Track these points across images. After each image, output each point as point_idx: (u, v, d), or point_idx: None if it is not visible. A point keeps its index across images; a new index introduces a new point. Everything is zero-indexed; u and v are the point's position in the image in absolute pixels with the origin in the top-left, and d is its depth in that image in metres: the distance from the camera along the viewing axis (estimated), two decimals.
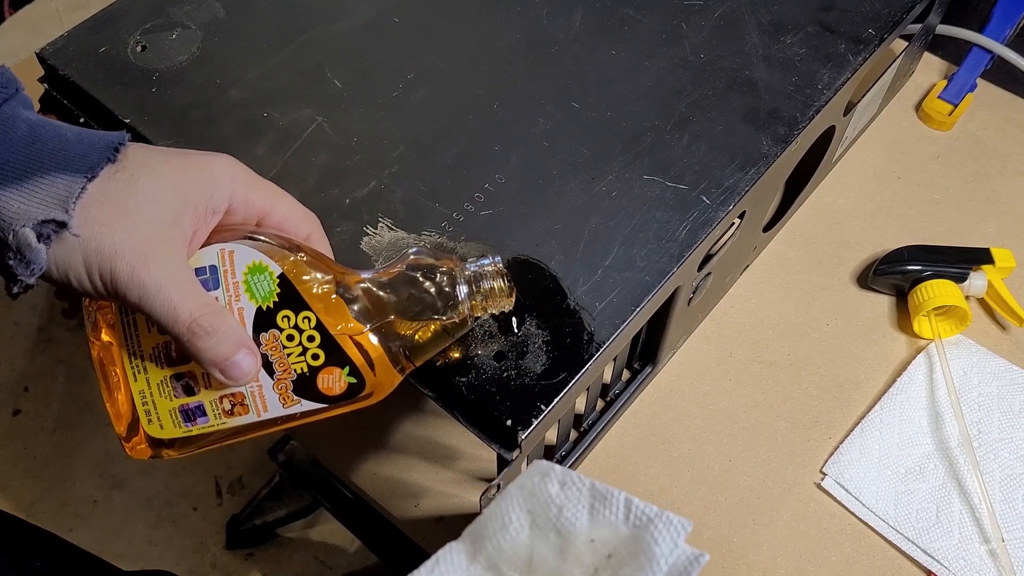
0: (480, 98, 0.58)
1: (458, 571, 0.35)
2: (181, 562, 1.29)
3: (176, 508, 1.34)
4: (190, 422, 0.43)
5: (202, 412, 0.42)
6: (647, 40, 0.60)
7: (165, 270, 0.39)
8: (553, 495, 0.35)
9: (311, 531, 1.31)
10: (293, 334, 0.41)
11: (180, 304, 0.39)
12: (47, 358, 1.48)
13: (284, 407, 0.42)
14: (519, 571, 0.34)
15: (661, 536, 0.32)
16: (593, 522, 0.34)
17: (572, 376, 0.46)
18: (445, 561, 0.35)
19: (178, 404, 0.42)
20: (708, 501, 0.60)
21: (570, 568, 0.33)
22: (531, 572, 0.34)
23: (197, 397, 0.42)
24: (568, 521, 0.34)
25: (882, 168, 0.75)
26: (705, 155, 0.55)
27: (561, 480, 0.36)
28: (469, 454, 0.62)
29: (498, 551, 0.35)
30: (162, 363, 0.42)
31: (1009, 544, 0.58)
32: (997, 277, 0.66)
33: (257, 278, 0.42)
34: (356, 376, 0.42)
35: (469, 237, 0.51)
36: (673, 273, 0.50)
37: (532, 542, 0.35)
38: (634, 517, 0.34)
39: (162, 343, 0.42)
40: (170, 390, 0.42)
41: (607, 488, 0.35)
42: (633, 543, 0.33)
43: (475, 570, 0.35)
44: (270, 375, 0.42)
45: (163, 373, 0.42)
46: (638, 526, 0.33)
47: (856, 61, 0.59)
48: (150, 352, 0.42)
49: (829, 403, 0.64)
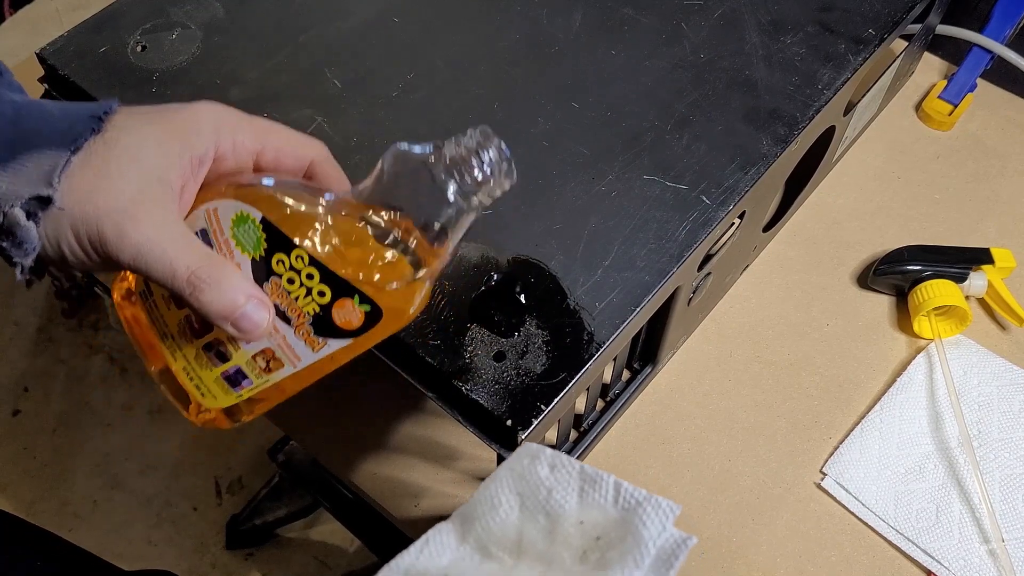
0: (480, 98, 0.58)
1: (447, 551, 0.35)
2: (181, 562, 1.29)
3: (176, 508, 1.34)
4: (237, 386, 0.42)
5: (243, 375, 0.41)
6: (647, 40, 0.60)
7: (155, 227, 0.39)
8: (543, 477, 0.35)
9: (311, 531, 1.32)
10: (292, 276, 0.40)
11: (176, 258, 0.38)
12: (47, 358, 1.48)
13: (314, 351, 0.41)
14: (508, 552, 0.34)
15: (650, 519, 0.32)
16: (582, 505, 0.34)
17: (572, 376, 0.46)
18: (435, 541, 0.35)
19: (219, 372, 0.42)
20: (708, 501, 0.60)
21: (559, 550, 0.33)
22: (520, 554, 0.34)
23: (232, 362, 0.41)
24: (557, 503, 0.35)
25: (882, 168, 0.75)
26: (705, 155, 0.55)
27: (551, 463, 0.36)
28: (469, 454, 0.62)
29: (487, 532, 0.35)
30: (190, 337, 0.42)
31: (1009, 544, 0.58)
32: (997, 277, 0.66)
33: (243, 229, 0.40)
34: (368, 302, 0.40)
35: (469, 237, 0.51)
36: (673, 273, 0.50)
37: (521, 524, 0.35)
38: (623, 500, 0.34)
39: (184, 317, 0.42)
40: (206, 361, 0.42)
41: (596, 471, 0.35)
42: (622, 526, 0.33)
43: (464, 550, 0.35)
44: (287, 323, 0.40)
45: (195, 346, 0.42)
46: (627, 509, 0.33)
47: (856, 61, 0.59)
48: (177, 329, 0.42)
49: (829, 403, 0.64)
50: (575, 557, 0.33)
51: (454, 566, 0.35)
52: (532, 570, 0.33)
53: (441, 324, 0.48)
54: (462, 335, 0.47)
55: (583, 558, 0.33)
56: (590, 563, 0.32)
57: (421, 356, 0.47)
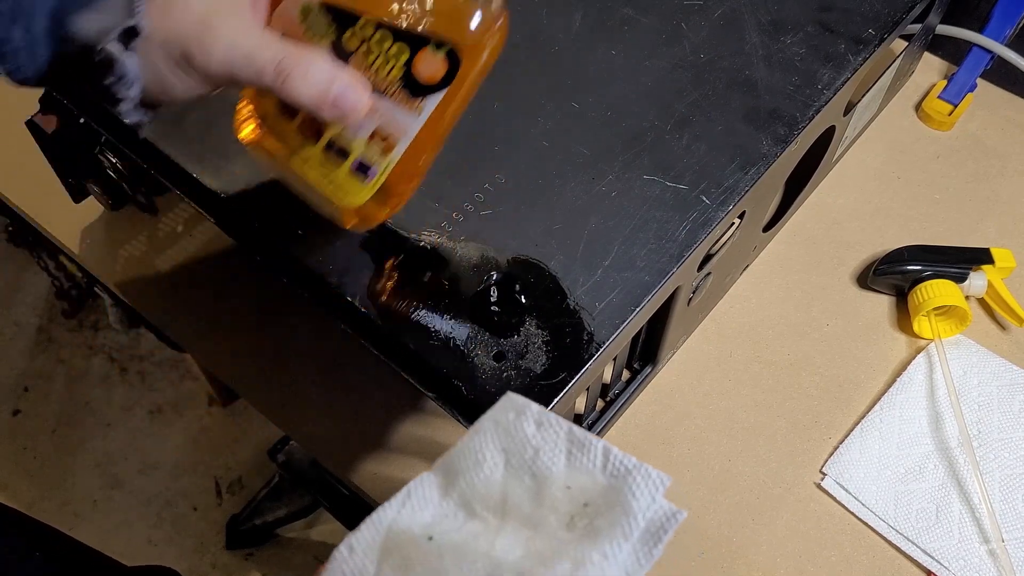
0: (480, 98, 0.58)
1: (430, 506, 0.34)
2: (181, 562, 1.29)
3: (176, 508, 1.34)
4: (368, 176, 0.44)
5: (367, 163, 0.44)
6: (647, 40, 0.60)
7: (234, 32, 0.41)
8: (529, 436, 0.34)
9: (311, 531, 1.32)
10: (367, 48, 0.42)
11: (258, 53, 0.40)
12: (47, 358, 1.48)
13: (418, 115, 0.43)
14: (493, 512, 0.33)
15: (639, 489, 0.32)
16: (570, 468, 0.33)
17: (572, 376, 0.46)
18: (417, 495, 0.34)
19: (347, 167, 0.44)
20: (708, 501, 0.60)
21: (545, 514, 0.32)
22: (505, 514, 0.33)
23: (353, 154, 0.44)
24: (544, 465, 0.34)
25: (882, 168, 0.75)
26: (705, 155, 0.55)
27: (538, 420, 0.34)
28: None
29: (471, 489, 0.34)
30: (310, 142, 0.45)
31: (1009, 544, 0.58)
32: (997, 277, 0.66)
33: (310, 19, 0.43)
34: (442, 44, 0.42)
35: (469, 237, 0.51)
36: (673, 273, 0.50)
37: (506, 483, 0.34)
38: (612, 467, 0.33)
39: (297, 126, 0.45)
40: (331, 160, 0.45)
41: (585, 434, 0.34)
42: (610, 494, 0.32)
43: (447, 506, 0.34)
44: (384, 95, 0.43)
45: (317, 150, 0.45)
46: (616, 476, 0.32)
47: (856, 61, 0.59)
48: (297, 139, 0.45)
49: (829, 403, 0.64)
50: (562, 523, 0.32)
51: (437, 524, 0.33)
52: (518, 534, 0.32)
53: (441, 324, 0.48)
54: (462, 335, 0.47)
55: (570, 524, 0.32)
56: (577, 530, 0.32)
57: (421, 356, 0.47)
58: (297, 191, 0.47)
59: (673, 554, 0.58)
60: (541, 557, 0.31)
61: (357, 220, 0.47)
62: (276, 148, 0.46)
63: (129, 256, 0.72)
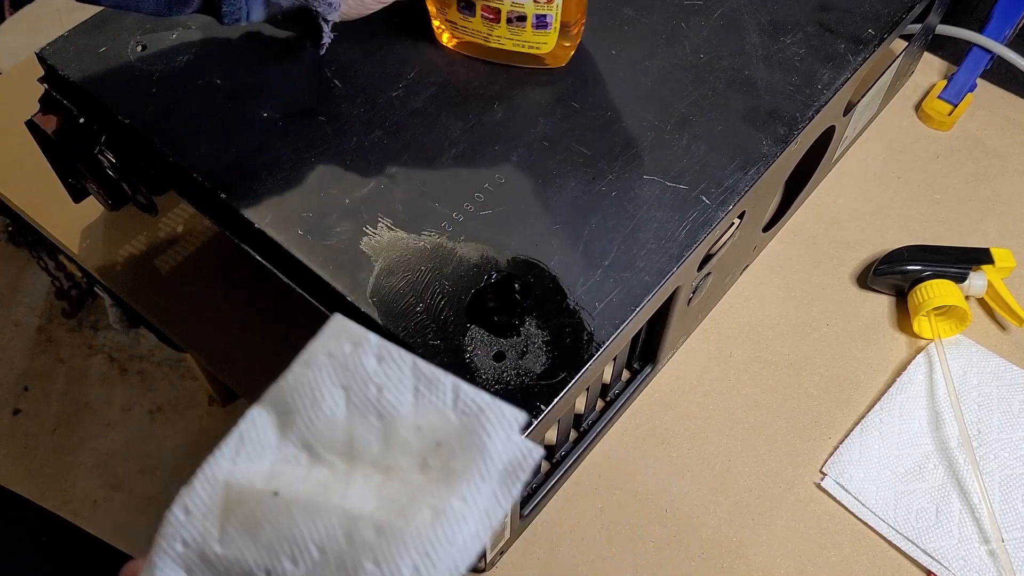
0: (480, 98, 0.58)
1: (268, 450, 0.31)
2: None
3: None
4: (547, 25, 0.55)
5: (542, 16, 0.55)
6: (647, 40, 0.60)
7: None
8: (371, 371, 0.31)
9: None
10: None
11: None
12: (47, 358, 1.48)
13: None
14: (339, 456, 0.31)
15: (494, 428, 0.30)
16: (418, 407, 0.31)
17: (572, 376, 0.46)
18: (251, 439, 0.31)
19: (529, 27, 0.56)
20: (708, 501, 0.60)
21: (396, 457, 0.30)
22: (353, 458, 0.31)
23: (529, 16, 0.55)
24: (390, 404, 0.31)
25: (882, 168, 0.75)
26: (705, 155, 0.55)
27: (378, 354, 0.32)
28: None
29: (312, 430, 0.31)
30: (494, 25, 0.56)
31: (1009, 544, 0.58)
32: (997, 277, 0.66)
33: None
34: None
35: (469, 237, 0.51)
36: (673, 273, 0.50)
37: (351, 423, 0.31)
38: (463, 404, 0.31)
39: (479, 17, 0.56)
40: (516, 29, 0.56)
41: (431, 368, 0.31)
42: (463, 433, 0.30)
43: (288, 449, 0.31)
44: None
45: (502, 27, 0.56)
46: (468, 415, 0.30)
47: (856, 61, 0.59)
48: (484, 27, 0.56)
49: (829, 403, 0.64)
50: (414, 466, 0.30)
51: (280, 473, 0.30)
52: (369, 480, 0.30)
53: (441, 324, 0.48)
54: (462, 335, 0.47)
55: (423, 466, 0.30)
56: (432, 473, 0.30)
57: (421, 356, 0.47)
58: (501, 62, 0.59)
59: (673, 554, 0.58)
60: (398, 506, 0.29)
61: (557, 59, 0.58)
62: (473, 41, 0.58)
63: (129, 256, 0.72)
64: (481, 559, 0.56)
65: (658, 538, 0.59)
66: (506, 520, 0.53)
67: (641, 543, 0.59)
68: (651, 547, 0.59)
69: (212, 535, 0.29)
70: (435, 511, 0.28)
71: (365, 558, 0.27)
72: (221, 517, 0.30)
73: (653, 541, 0.59)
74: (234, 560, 0.29)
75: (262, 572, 0.29)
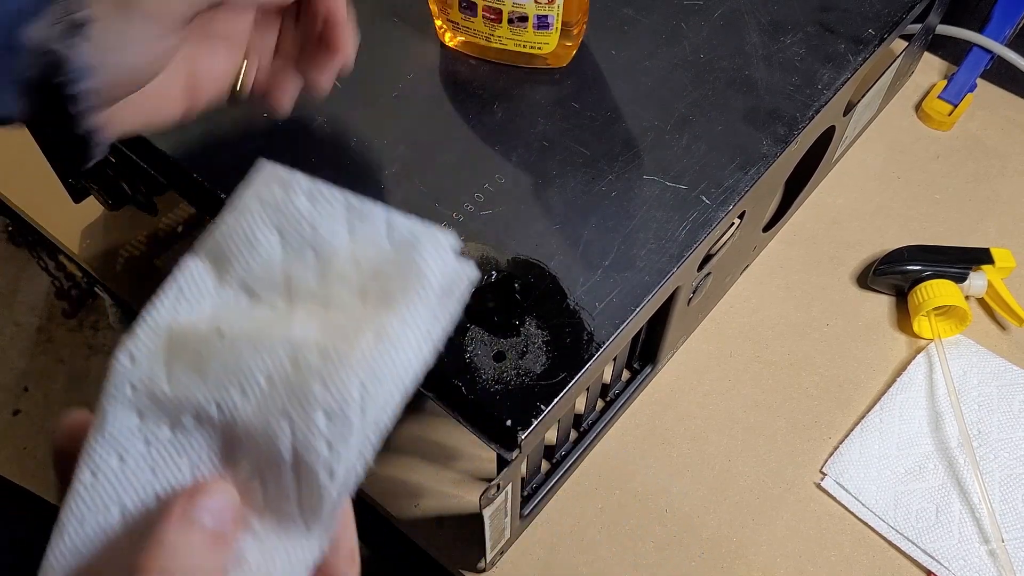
0: (480, 97, 0.58)
1: (207, 296, 0.31)
2: None
3: None
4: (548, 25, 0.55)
5: (542, 17, 0.55)
6: (647, 40, 0.60)
7: None
8: (303, 211, 0.32)
9: None
10: None
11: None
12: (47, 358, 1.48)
13: None
14: (279, 295, 0.31)
15: (429, 253, 0.31)
16: (354, 240, 0.31)
17: (572, 376, 0.46)
18: (190, 287, 0.31)
19: (531, 27, 0.56)
20: (708, 501, 0.60)
21: (336, 290, 0.31)
22: (292, 297, 0.31)
23: (530, 16, 0.55)
24: (325, 240, 0.31)
25: (882, 168, 0.75)
26: (705, 155, 0.55)
27: (309, 193, 0.32)
28: (469, 454, 0.62)
29: (249, 272, 0.32)
30: (496, 25, 0.56)
31: (1009, 544, 0.58)
32: (997, 277, 0.66)
33: None
34: None
35: (469, 237, 0.51)
36: (673, 273, 0.50)
37: (287, 263, 0.32)
38: (397, 234, 0.31)
39: (480, 18, 0.56)
40: (517, 29, 0.56)
41: (364, 202, 0.32)
42: (399, 261, 0.31)
43: (227, 293, 0.32)
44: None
45: (504, 28, 0.56)
46: (402, 243, 0.31)
47: (856, 61, 0.59)
48: (486, 27, 0.56)
49: (829, 403, 0.64)
50: (354, 295, 0.31)
51: (222, 315, 0.31)
52: (310, 314, 0.30)
53: None
54: (462, 335, 0.47)
55: (363, 295, 0.31)
56: (372, 300, 0.30)
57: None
58: (503, 62, 0.59)
59: (673, 554, 0.58)
60: (341, 331, 0.29)
61: (559, 59, 0.58)
62: (475, 41, 0.58)
63: (129, 256, 0.72)
64: (481, 559, 0.56)
65: (658, 538, 0.59)
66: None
67: (641, 543, 0.59)
68: (651, 547, 0.59)
69: (160, 376, 0.30)
70: (377, 334, 0.29)
71: (313, 381, 0.28)
72: (167, 360, 0.30)
73: (653, 541, 0.59)
74: (184, 398, 0.29)
75: (212, 406, 0.29)
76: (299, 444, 0.28)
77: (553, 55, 0.58)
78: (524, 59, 0.58)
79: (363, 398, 0.28)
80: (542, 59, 0.58)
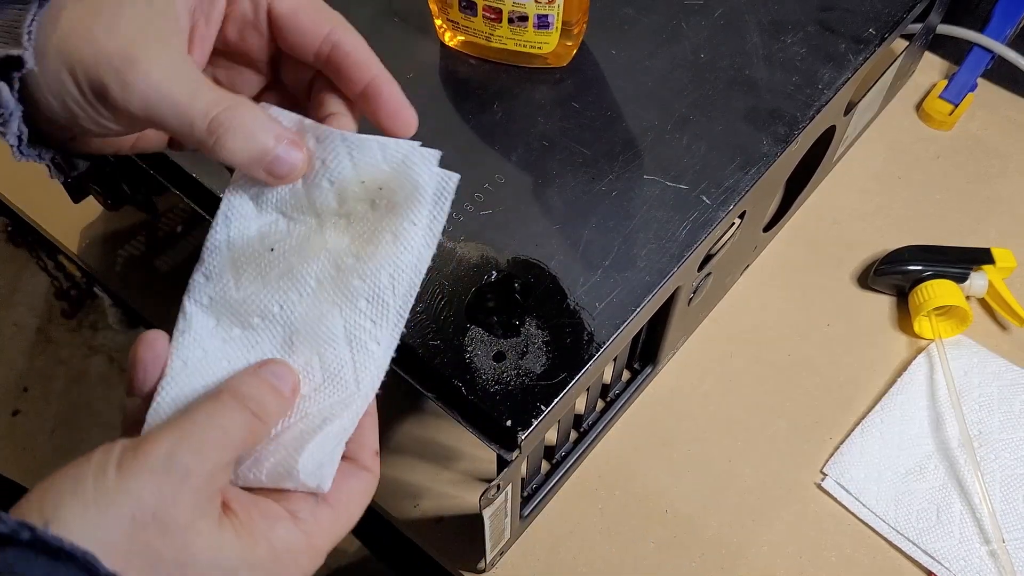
0: (480, 97, 0.58)
1: (251, 220, 0.39)
2: None
3: None
4: (549, 25, 0.56)
5: (543, 17, 0.55)
6: (647, 40, 0.60)
7: (161, 70, 0.34)
8: (313, 151, 0.38)
9: None
10: None
11: (190, 104, 0.35)
12: (47, 358, 1.48)
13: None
14: (310, 215, 0.38)
15: (418, 166, 0.38)
16: (356, 167, 0.38)
17: (572, 376, 0.46)
18: (236, 213, 0.39)
19: (531, 27, 0.56)
20: (708, 501, 0.60)
21: (352, 206, 0.38)
22: (320, 215, 0.38)
23: (530, 15, 0.55)
24: (335, 171, 0.38)
25: (882, 168, 0.75)
26: (705, 155, 0.54)
27: (316, 135, 0.38)
28: (469, 454, 0.62)
29: (281, 201, 0.39)
30: (496, 24, 0.56)
31: (1009, 544, 0.57)
32: (998, 277, 0.66)
33: None
34: None
35: (469, 237, 0.51)
36: (673, 273, 0.50)
37: (309, 192, 0.38)
38: (390, 155, 0.38)
39: (480, 18, 0.56)
40: (518, 28, 0.56)
41: (357, 136, 0.38)
42: (397, 175, 0.38)
43: (267, 216, 0.39)
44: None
45: (504, 27, 0.56)
46: (396, 161, 0.38)
47: (856, 61, 0.59)
48: (486, 27, 0.56)
49: (830, 403, 0.64)
50: (368, 208, 0.38)
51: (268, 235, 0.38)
52: (337, 227, 0.38)
53: (441, 324, 0.48)
54: (462, 335, 0.47)
55: (374, 206, 0.38)
56: (382, 209, 0.38)
57: (421, 356, 0.47)
58: (503, 62, 0.59)
59: (674, 555, 0.58)
60: (365, 236, 0.37)
61: (559, 59, 0.58)
62: (475, 40, 0.58)
63: (129, 256, 0.72)
64: (481, 559, 0.56)
65: (659, 539, 0.59)
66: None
67: (641, 544, 0.59)
68: (651, 548, 0.59)
69: (230, 286, 0.38)
70: (394, 234, 0.37)
71: (352, 277, 0.37)
72: (234, 274, 0.38)
73: (653, 542, 0.59)
74: (251, 301, 0.37)
75: (275, 306, 0.37)
76: (349, 324, 0.37)
77: (553, 55, 0.58)
78: (524, 59, 0.58)
79: (393, 284, 0.37)
80: (542, 59, 0.58)
